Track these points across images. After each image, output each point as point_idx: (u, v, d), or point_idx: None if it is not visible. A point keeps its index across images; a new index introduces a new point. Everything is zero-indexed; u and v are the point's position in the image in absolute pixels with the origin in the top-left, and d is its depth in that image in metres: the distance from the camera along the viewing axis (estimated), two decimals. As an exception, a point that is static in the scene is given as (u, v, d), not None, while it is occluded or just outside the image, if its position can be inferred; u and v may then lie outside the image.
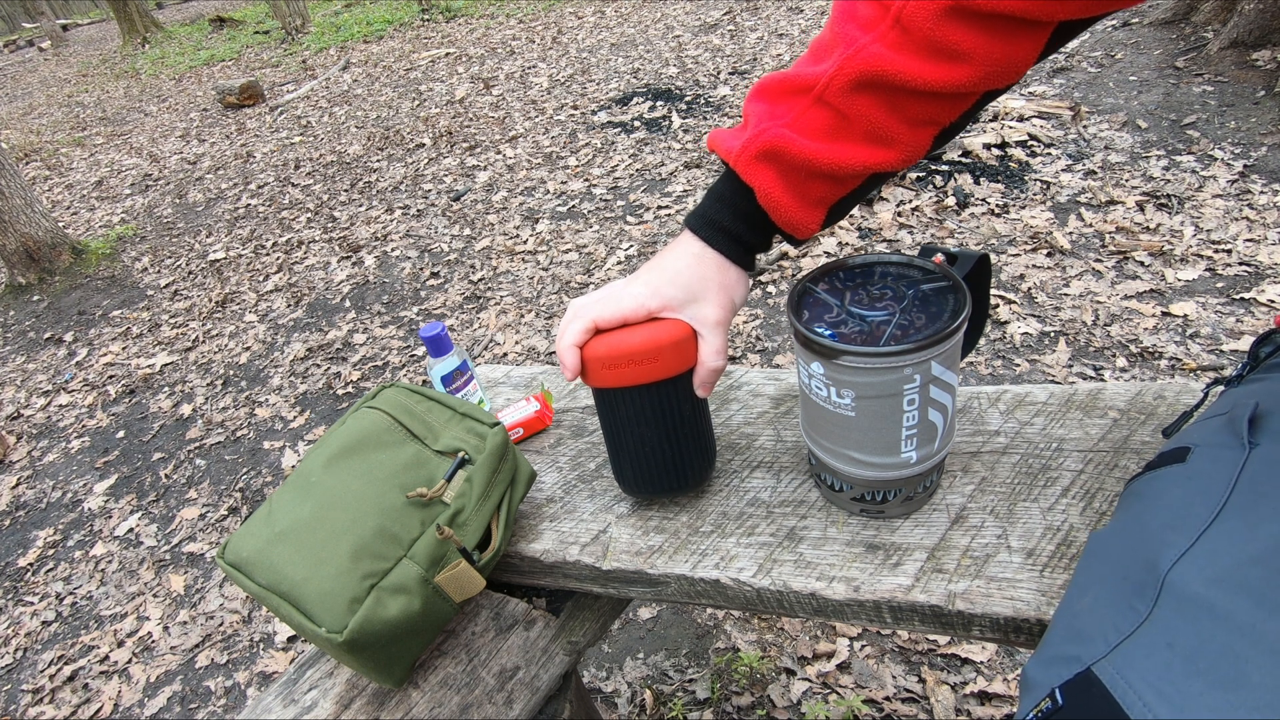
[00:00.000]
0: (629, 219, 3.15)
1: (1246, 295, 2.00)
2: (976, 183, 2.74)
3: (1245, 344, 1.86)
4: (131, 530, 2.17)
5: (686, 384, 0.66)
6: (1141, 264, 2.20)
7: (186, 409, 2.66)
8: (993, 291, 2.21)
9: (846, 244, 2.58)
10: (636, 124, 4.11)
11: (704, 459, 0.73)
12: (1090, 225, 2.41)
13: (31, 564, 2.15)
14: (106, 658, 1.80)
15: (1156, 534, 0.47)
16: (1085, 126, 2.99)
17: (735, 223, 0.60)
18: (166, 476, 2.36)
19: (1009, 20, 0.49)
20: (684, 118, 4.04)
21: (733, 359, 2.22)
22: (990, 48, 0.51)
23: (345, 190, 4.22)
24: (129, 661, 1.77)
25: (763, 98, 0.58)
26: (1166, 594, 0.42)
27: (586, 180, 3.61)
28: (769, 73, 0.60)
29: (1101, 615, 0.45)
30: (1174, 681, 0.38)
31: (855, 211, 2.72)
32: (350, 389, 2.54)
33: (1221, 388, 0.62)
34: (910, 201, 2.70)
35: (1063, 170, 2.73)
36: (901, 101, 0.53)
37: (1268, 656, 0.37)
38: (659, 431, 0.68)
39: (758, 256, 0.65)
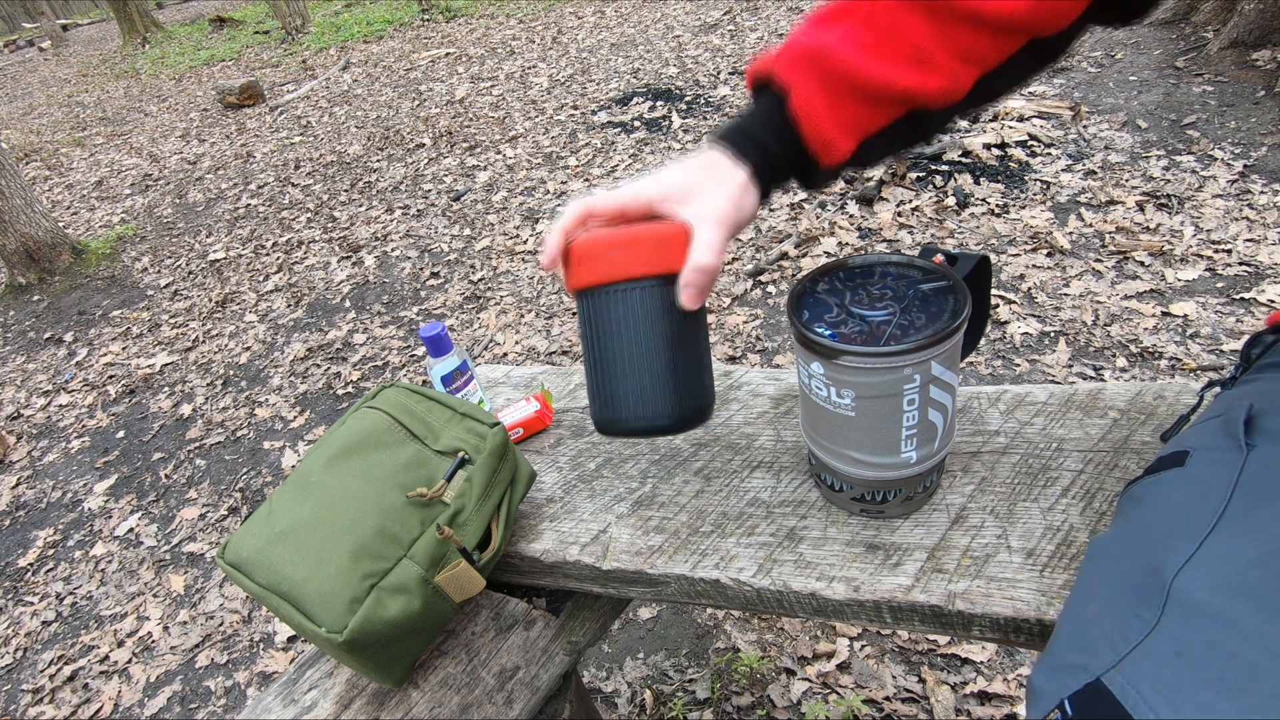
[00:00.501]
0: (629, 219, 3.14)
1: (1246, 295, 2.00)
2: (976, 183, 2.74)
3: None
4: (131, 530, 2.17)
5: (674, 292, 0.55)
6: (1141, 264, 2.20)
7: (186, 409, 2.66)
8: (993, 291, 2.21)
9: (846, 244, 2.58)
10: (636, 124, 4.11)
11: (692, 392, 0.56)
12: (1090, 225, 2.41)
13: (31, 564, 2.15)
14: (106, 658, 1.80)
15: (1159, 540, 0.47)
16: (1085, 126, 2.99)
17: (761, 129, 0.55)
18: (166, 476, 2.36)
19: None
20: (684, 118, 4.04)
21: (732, 359, 2.22)
22: None
23: (345, 190, 4.22)
24: (129, 661, 1.77)
25: (811, 21, 0.56)
26: (1173, 602, 0.42)
27: (586, 180, 3.61)
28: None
29: (1108, 624, 0.45)
30: (1184, 691, 0.38)
31: (855, 211, 2.72)
32: (350, 389, 2.54)
33: (1217, 390, 0.62)
34: (910, 201, 2.70)
35: (1063, 170, 2.73)
36: (950, 28, 0.52)
37: (1272, 660, 0.37)
38: (640, 347, 0.54)
39: (771, 195, 0.59)
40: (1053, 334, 2.03)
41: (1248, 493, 0.46)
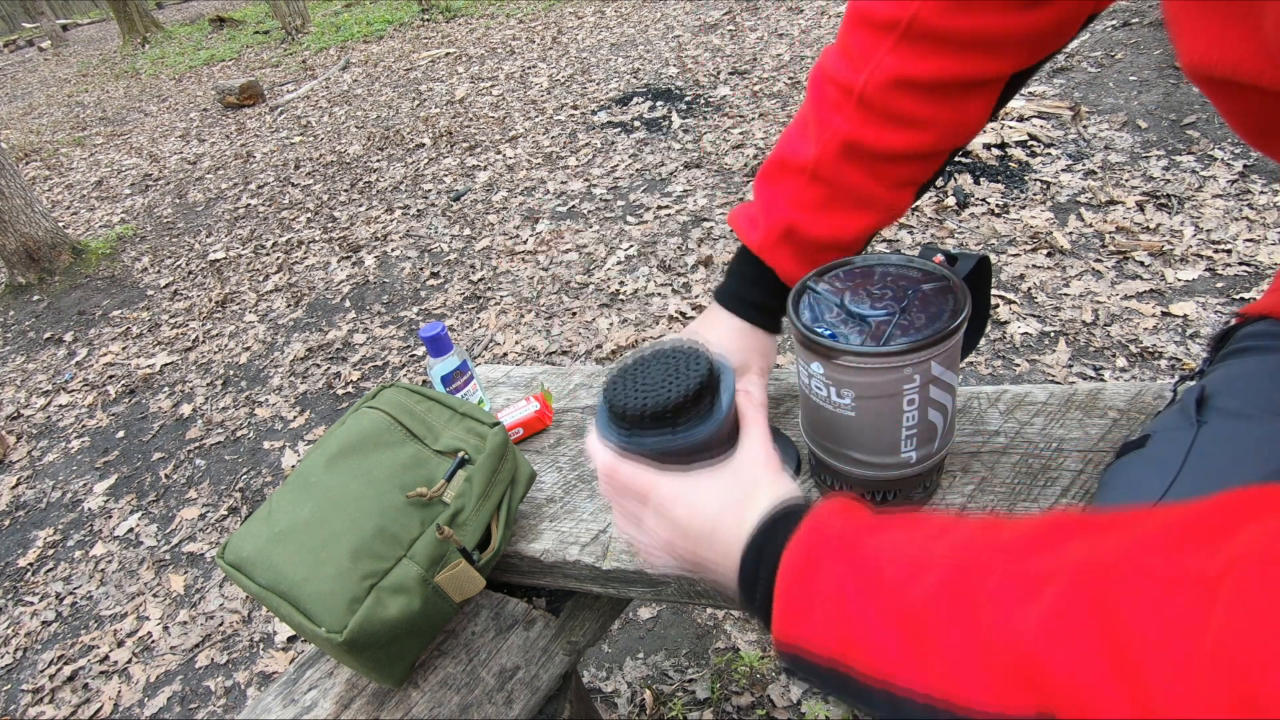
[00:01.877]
0: (629, 219, 3.15)
1: (1246, 295, 2.00)
2: (976, 183, 2.74)
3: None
4: (131, 530, 2.17)
5: None
6: (1141, 264, 2.20)
7: (186, 409, 2.66)
8: (993, 291, 2.21)
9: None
10: (636, 124, 4.11)
11: None
12: (1090, 225, 2.41)
13: (31, 564, 2.15)
14: (106, 658, 1.80)
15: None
16: (1085, 126, 2.99)
17: (763, 296, 0.71)
18: (166, 476, 2.36)
19: (950, 86, 0.55)
20: (684, 118, 4.04)
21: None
22: (939, 112, 0.59)
23: (345, 190, 4.22)
24: (129, 661, 1.77)
25: (768, 180, 0.69)
26: None
27: (586, 180, 3.61)
28: (768, 156, 0.69)
29: None
30: None
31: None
32: (350, 389, 2.54)
33: (1190, 382, 0.64)
34: (910, 201, 2.70)
35: (1063, 170, 2.73)
36: (880, 168, 0.62)
37: None
38: None
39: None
40: (1053, 334, 2.03)
41: (1197, 464, 0.50)
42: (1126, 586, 0.27)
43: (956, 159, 2.86)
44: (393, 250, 3.40)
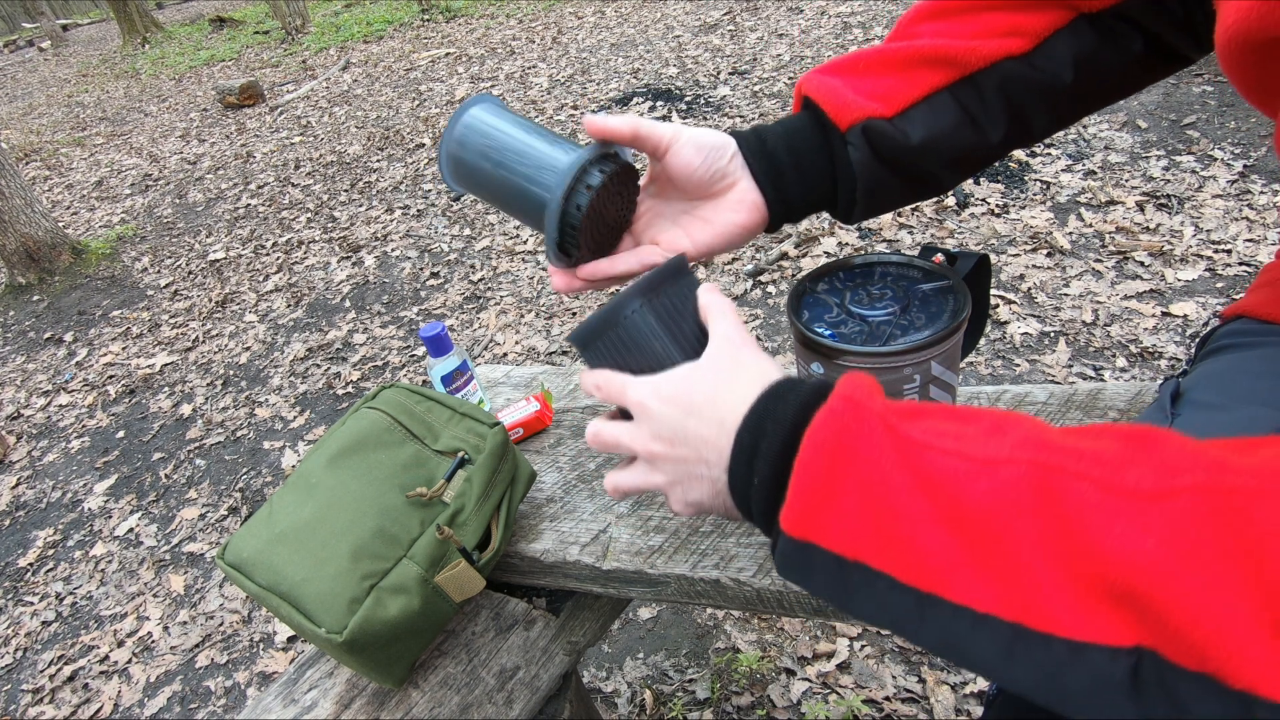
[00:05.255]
0: (629, 219, 3.14)
1: (1246, 295, 2.00)
2: (976, 183, 2.74)
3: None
4: (131, 530, 2.17)
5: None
6: (1141, 264, 2.20)
7: (186, 409, 2.66)
8: (993, 291, 2.21)
9: (846, 244, 2.58)
10: (636, 124, 4.11)
11: None
12: (1090, 225, 2.41)
13: (31, 564, 2.15)
14: (106, 658, 1.80)
15: None
16: (1085, 126, 2.99)
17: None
18: (166, 476, 2.36)
19: None
20: (684, 118, 4.04)
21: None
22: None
23: (345, 190, 4.22)
24: (129, 661, 1.77)
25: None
26: None
27: (586, 180, 3.61)
28: None
29: None
30: None
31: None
32: (350, 389, 2.54)
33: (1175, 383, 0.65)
34: (910, 201, 2.70)
35: (1063, 170, 2.73)
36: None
37: None
38: None
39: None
40: (1053, 334, 2.03)
41: None
42: (1268, 515, 0.23)
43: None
44: (393, 250, 3.40)
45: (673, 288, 0.48)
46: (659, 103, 4.29)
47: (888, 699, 1.31)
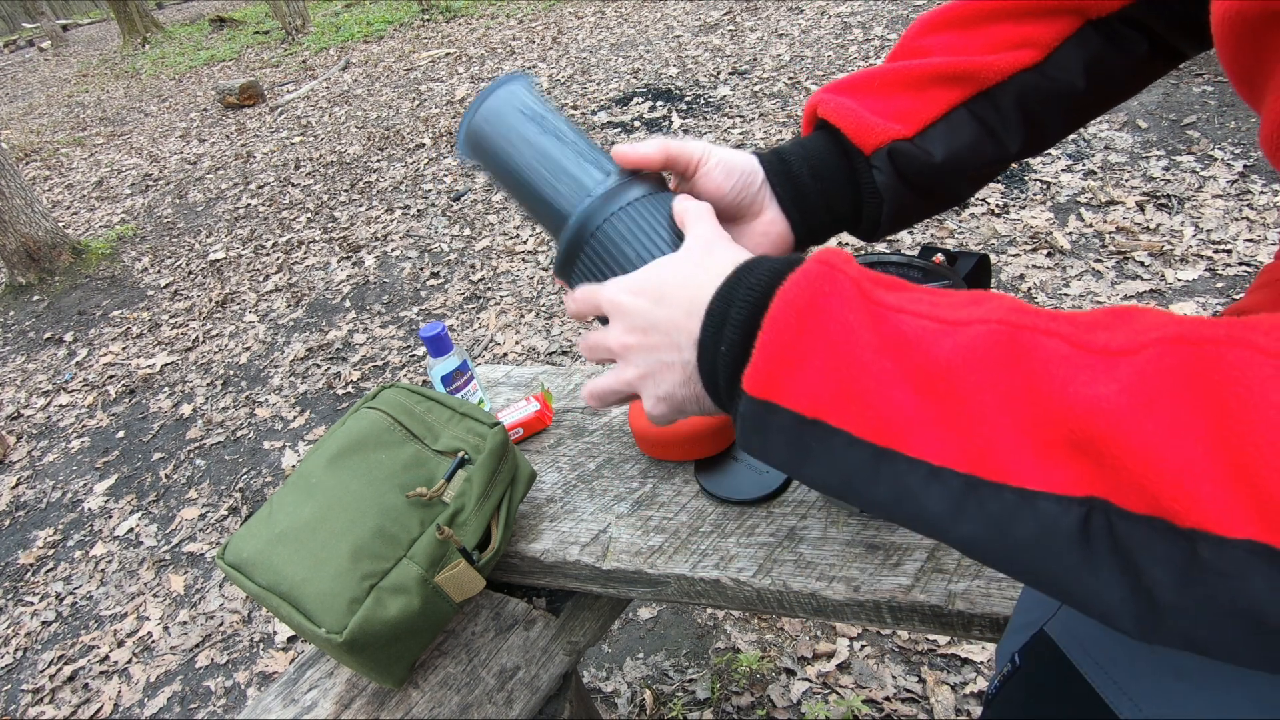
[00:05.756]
0: (629, 219, 3.15)
1: (1246, 295, 2.00)
2: (976, 183, 2.74)
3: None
4: (131, 530, 2.17)
5: None
6: (1141, 264, 2.20)
7: (186, 409, 2.66)
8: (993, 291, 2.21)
9: (846, 244, 2.58)
10: (636, 124, 4.11)
11: None
12: (1090, 225, 2.41)
13: (31, 564, 2.15)
14: (106, 658, 1.80)
15: None
16: (1085, 127, 2.99)
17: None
18: (166, 476, 2.36)
19: None
20: (684, 118, 4.04)
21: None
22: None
23: (345, 190, 4.22)
24: (129, 661, 1.77)
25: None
26: None
27: (586, 180, 3.61)
28: None
29: None
30: (1115, 633, 0.40)
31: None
32: (350, 389, 2.54)
33: None
34: (910, 201, 2.70)
35: (1063, 170, 2.73)
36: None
37: None
38: None
39: None
40: (1053, 334, 2.03)
41: None
42: (1235, 360, 0.23)
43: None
44: (393, 250, 3.40)
45: (646, 199, 0.48)
46: (659, 103, 4.29)
47: (888, 699, 1.31)
